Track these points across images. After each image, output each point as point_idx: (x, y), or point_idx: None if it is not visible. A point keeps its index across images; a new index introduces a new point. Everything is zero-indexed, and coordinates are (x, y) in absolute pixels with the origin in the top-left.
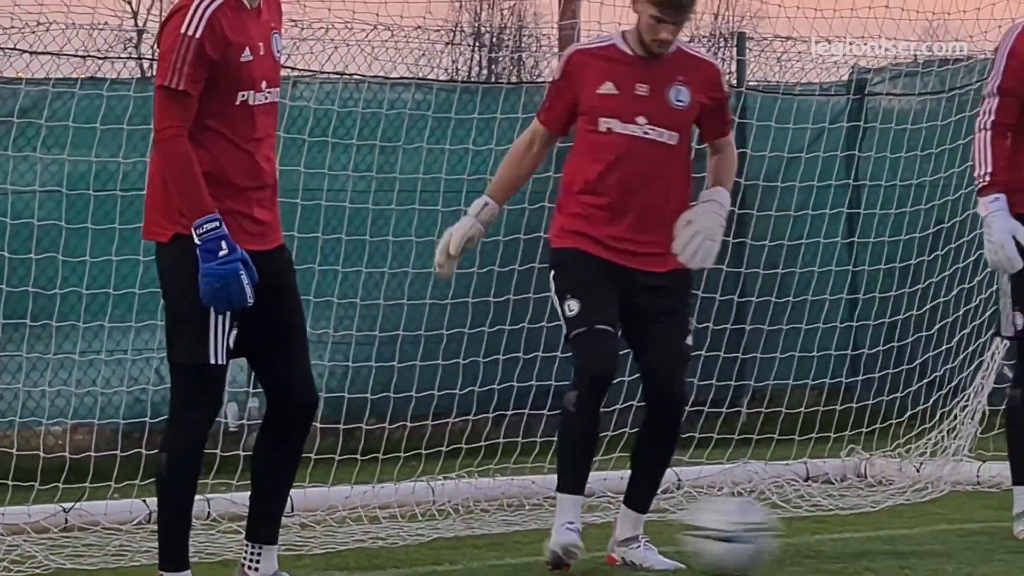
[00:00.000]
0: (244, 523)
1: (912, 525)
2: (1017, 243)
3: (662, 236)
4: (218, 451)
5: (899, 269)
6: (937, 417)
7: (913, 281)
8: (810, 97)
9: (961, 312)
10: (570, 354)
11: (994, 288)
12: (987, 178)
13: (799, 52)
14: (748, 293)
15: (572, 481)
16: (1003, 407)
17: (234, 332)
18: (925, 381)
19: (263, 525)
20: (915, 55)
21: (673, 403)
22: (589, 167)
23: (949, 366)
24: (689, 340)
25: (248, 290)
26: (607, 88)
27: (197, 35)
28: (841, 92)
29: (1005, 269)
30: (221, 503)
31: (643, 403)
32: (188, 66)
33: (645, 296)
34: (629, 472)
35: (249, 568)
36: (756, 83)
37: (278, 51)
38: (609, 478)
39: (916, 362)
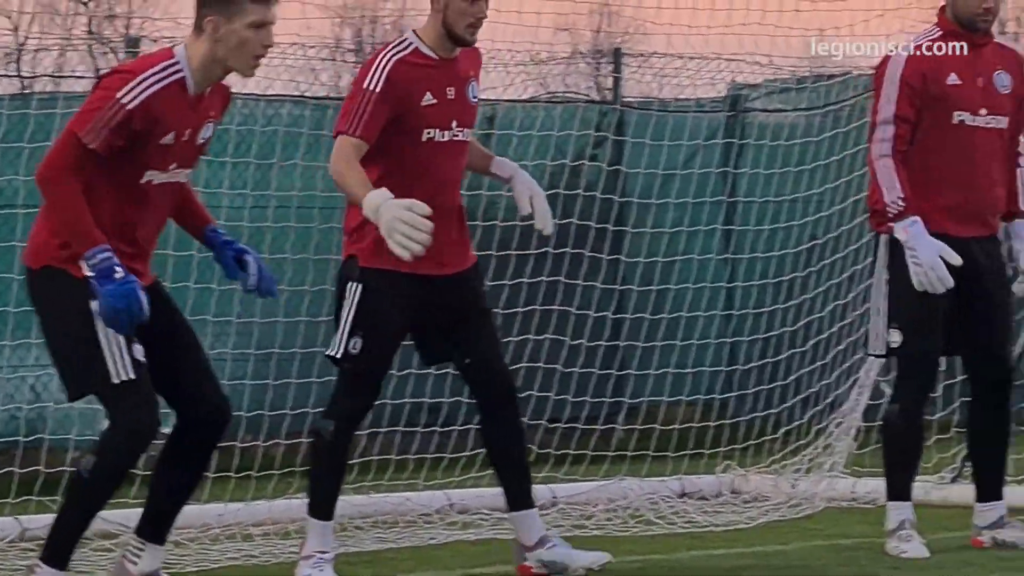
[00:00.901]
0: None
1: (787, 541)
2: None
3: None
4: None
5: (774, 285)
6: (812, 433)
7: (789, 297)
8: (687, 114)
9: (836, 328)
10: (446, 371)
11: (868, 306)
12: (901, 203)
13: (676, 68)
14: (623, 310)
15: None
16: (879, 423)
17: (137, 346)
18: (800, 397)
19: (152, 524)
20: (793, 72)
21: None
22: None
23: (824, 382)
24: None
25: (146, 307)
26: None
27: (129, 106)
28: (717, 108)
29: (936, 289)
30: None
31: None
32: (109, 131)
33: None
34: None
35: (128, 560)
36: (632, 99)
37: (202, 138)
38: (484, 495)
39: (791, 378)
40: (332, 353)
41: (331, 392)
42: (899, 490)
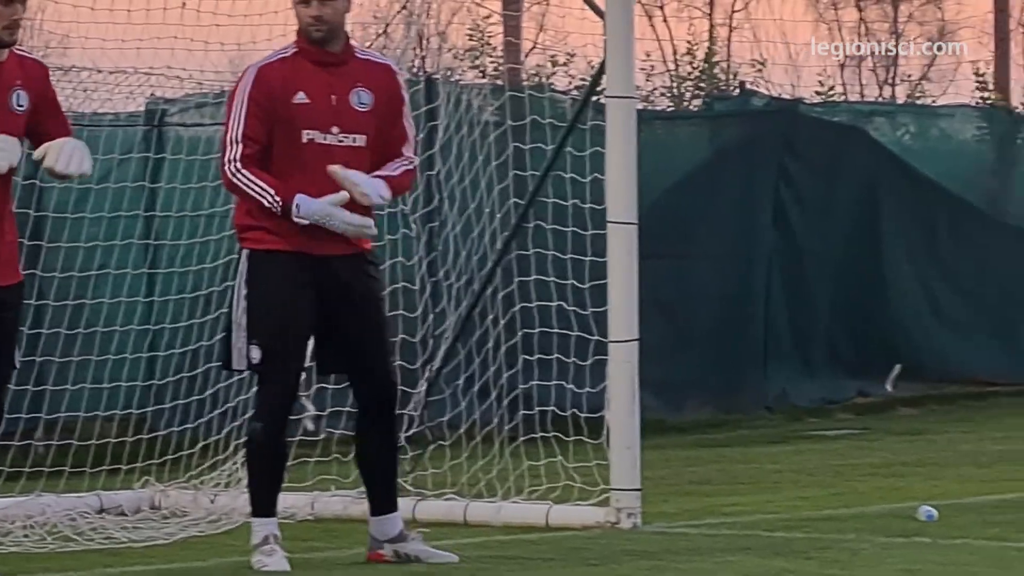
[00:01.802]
0: None
1: (206, 557)
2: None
3: None
4: None
5: (192, 299)
6: (231, 448)
7: (212, 309)
8: (103, 127)
9: None
10: None
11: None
12: (279, 198)
13: (95, 82)
14: (40, 324)
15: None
16: (243, 440)
17: None
18: (218, 411)
19: None
20: (215, 85)
21: None
22: None
23: (243, 397)
24: None
25: None
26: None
27: None
28: (136, 122)
29: (362, 235)
30: None
31: None
32: None
33: None
34: None
35: None
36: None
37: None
38: None
39: (208, 392)
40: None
41: None
42: (263, 506)
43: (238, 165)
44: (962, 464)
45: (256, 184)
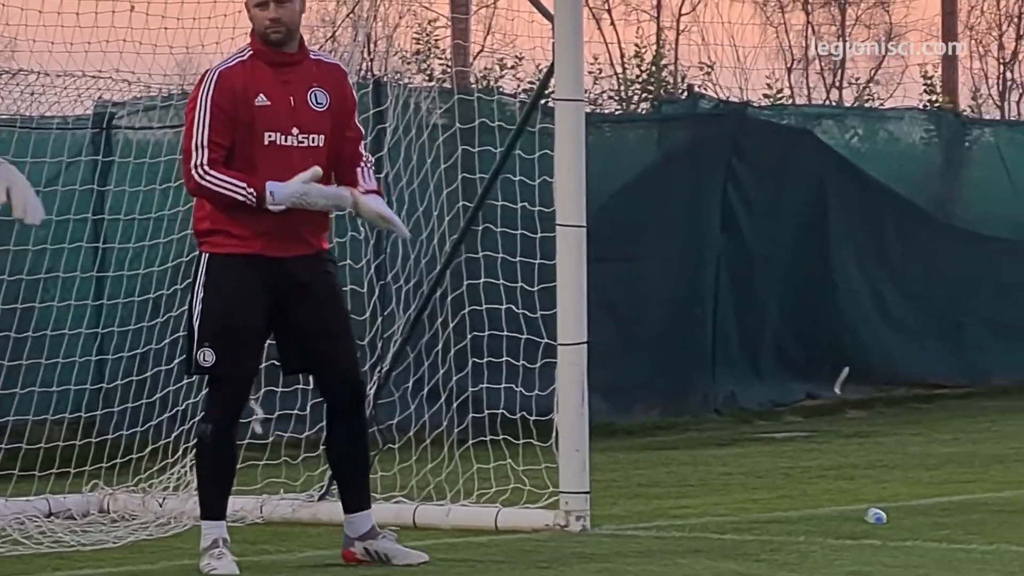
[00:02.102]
0: None
1: (155, 560)
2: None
3: None
4: None
5: (142, 302)
6: (180, 451)
7: (161, 313)
8: (50, 131)
9: None
10: None
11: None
12: (252, 191)
13: (43, 86)
14: (2, 328)
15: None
16: (193, 442)
17: None
18: (167, 415)
19: None
20: (161, 88)
21: None
22: None
23: (192, 400)
24: None
25: None
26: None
27: None
28: (84, 126)
29: (342, 207)
30: None
31: None
32: None
33: None
34: None
35: None
36: (5, 116)
37: None
38: None
39: (157, 395)
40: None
41: None
42: (212, 509)
43: (206, 167)
44: (911, 466)
45: (226, 182)
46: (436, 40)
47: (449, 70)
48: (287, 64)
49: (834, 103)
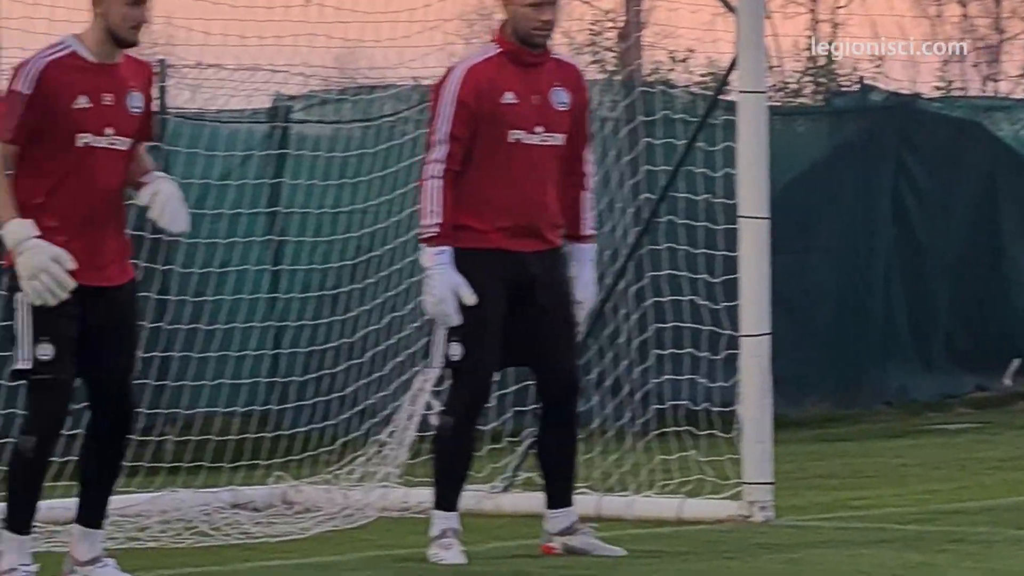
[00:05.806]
0: None
1: (342, 552)
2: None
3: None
4: None
5: (321, 297)
6: (367, 444)
7: (342, 309)
8: (232, 124)
9: (393, 340)
10: None
11: (427, 317)
12: (436, 229)
13: (220, 79)
14: (175, 320)
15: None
16: (432, 434)
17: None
18: (357, 409)
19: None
20: (327, 81)
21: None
22: None
23: (381, 394)
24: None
25: None
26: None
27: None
28: (262, 120)
29: (441, 323)
30: None
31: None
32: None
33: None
34: None
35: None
36: (179, 110)
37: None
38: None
39: (347, 390)
40: (21, 366)
41: None
42: (446, 500)
43: (440, 170)
44: None
45: (434, 203)
46: (605, 32)
47: (618, 64)
48: (535, 64)
49: (1003, 95)
